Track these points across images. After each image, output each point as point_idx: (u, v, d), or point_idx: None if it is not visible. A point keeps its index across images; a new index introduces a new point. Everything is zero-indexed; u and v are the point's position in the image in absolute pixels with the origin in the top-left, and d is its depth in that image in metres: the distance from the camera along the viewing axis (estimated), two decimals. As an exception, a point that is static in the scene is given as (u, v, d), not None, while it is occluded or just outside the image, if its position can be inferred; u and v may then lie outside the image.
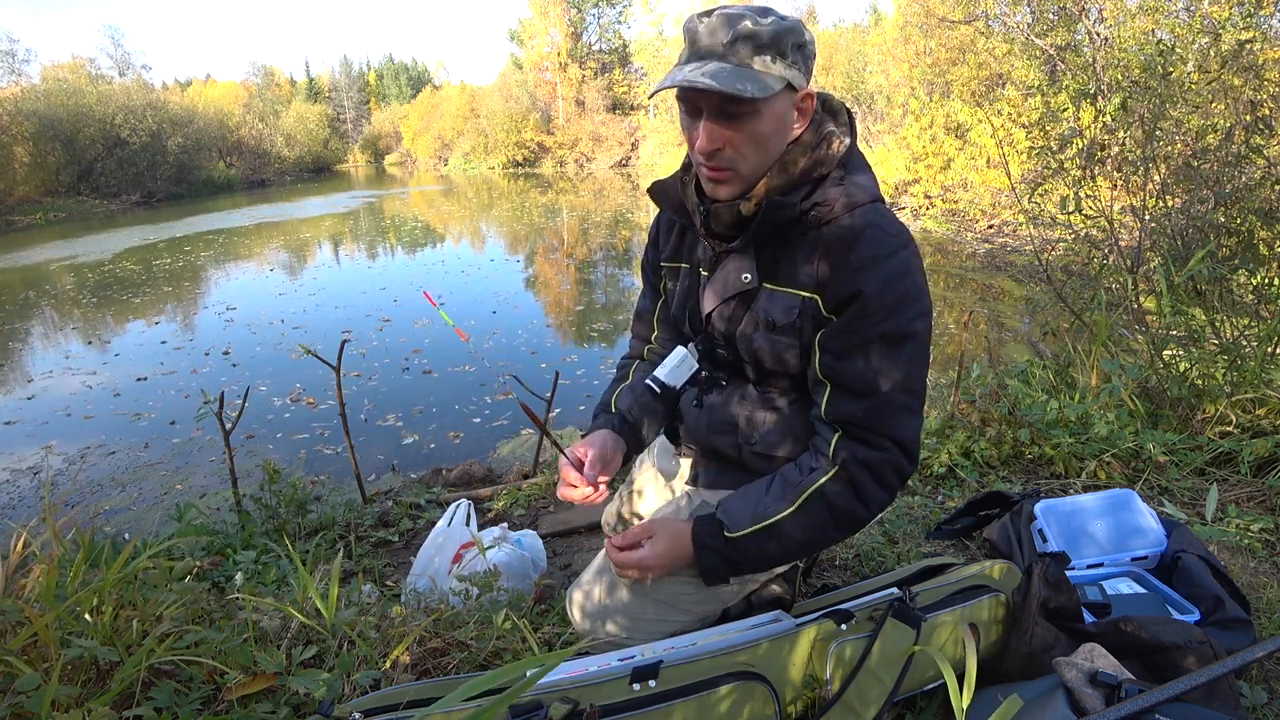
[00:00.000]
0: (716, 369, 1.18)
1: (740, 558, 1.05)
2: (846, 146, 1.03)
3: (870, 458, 0.99)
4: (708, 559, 1.05)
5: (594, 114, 41.65)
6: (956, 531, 1.83)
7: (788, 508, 1.02)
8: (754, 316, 1.06)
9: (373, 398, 5.08)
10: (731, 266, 1.08)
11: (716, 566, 1.06)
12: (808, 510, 1.01)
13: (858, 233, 0.97)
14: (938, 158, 12.93)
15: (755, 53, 0.92)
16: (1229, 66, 4.48)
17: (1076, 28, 9.26)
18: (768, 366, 1.09)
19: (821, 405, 1.03)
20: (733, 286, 1.08)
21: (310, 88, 73.89)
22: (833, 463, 1.01)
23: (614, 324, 7.39)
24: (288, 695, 1.00)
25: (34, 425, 4.86)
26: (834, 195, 0.99)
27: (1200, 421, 2.29)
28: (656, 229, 1.29)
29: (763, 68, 0.93)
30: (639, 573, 1.08)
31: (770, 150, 0.99)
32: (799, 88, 0.97)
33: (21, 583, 1.08)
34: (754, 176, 1.00)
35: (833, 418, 1.01)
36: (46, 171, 24.05)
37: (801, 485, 1.02)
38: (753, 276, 1.06)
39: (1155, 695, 0.87)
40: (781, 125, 0.98)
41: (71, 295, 9.35)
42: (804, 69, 0.98)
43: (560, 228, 15.60)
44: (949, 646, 1.08)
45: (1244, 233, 3.82)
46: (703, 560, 1.06)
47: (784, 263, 1.04)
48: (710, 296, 1.12)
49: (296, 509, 2.42)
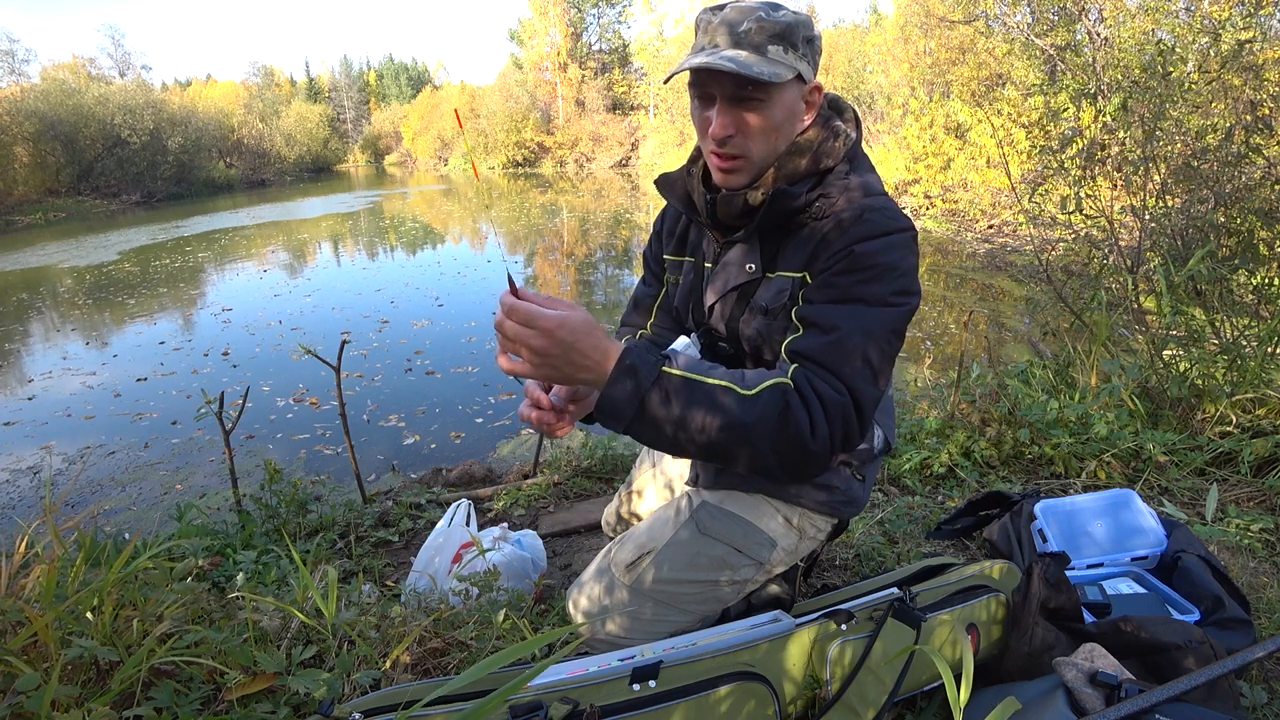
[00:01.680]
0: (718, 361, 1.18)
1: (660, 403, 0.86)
2: (852, 142, 1.04)
3: (824, 390, 0.90)
4: (623, 385, 0.84)
5: (594, 114, 41.67)
6: (956, 531, 1.83)
7: (743, 388, 0.89)
8: (754, 305, 1.07)
9: (376, 398, 5.08)
10: (735, 257, 1.09)
11: (626, 398, 0.85)
12: (761, 400, 0.88)
13: (858, 216, 0.98)
14: (938, 158, 12.94)
15: (769, 42, 0.95)
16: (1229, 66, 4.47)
17: (1076, 28, 9.26)
18: (765, 355, 1.09)
19: (785, 343, 0.97)
20: (736, 277, 1.09)
21: (310, 88, 73.90)
22: (789, 378, 0.93)
23: (614, 324, 7.38)
24: (288, 695, 1.00)
25: (33, 425, 4.86)
26: (838, 189, 1.00)
27: (1200, 421, 2.29)
28: (661, 221, 1.30)
29: (776, 56, 0.95)
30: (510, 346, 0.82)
31: (779, 139, 1.00)
32: (808, 80, 1.00)
33: (22, 583, 1.08)
34: (763, 165, 1.01)
35: (792, 350, 0.95)
36: (46, 171, 24.05)
37: (760, 377, 0.92)
38: (757, 266, 1.07)
39: (1155, 695, 0.87)
40: (790, 115, 1.00)
41: (71, 296, 9.35)
42: (813, 62, 1.00)
43: (560, 228, 15.60)
44: (949, 647, 1.08)
45: (1244, 233, 3.81)
46: (616, 383, 0.84)
47: (783, 251, 1.05)
48: (713, 289, 1.13)
49: (297, 509, 2.41)
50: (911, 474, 2.26)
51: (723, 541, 1.14)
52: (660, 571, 1.13)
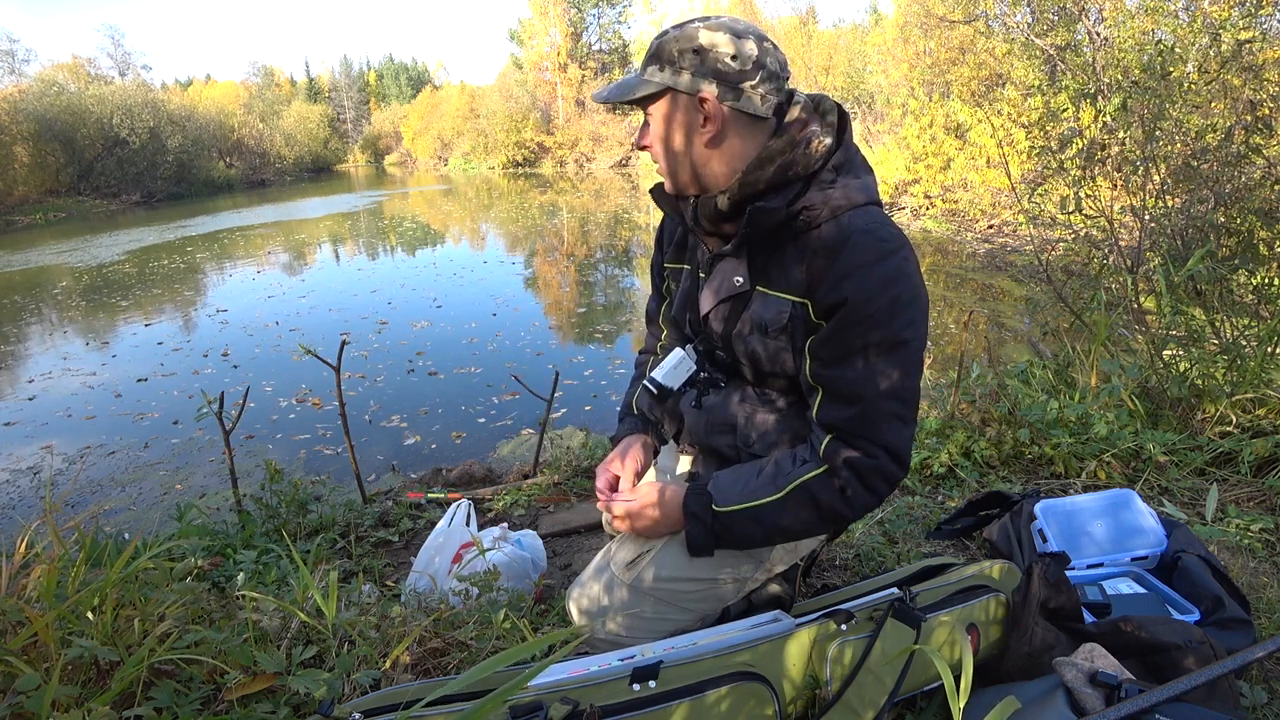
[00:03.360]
0: (715, 370, 1.19)
1: (724, 532, 1.08)
2: (827, 147, 1.01)
3: (859, 463, 1.00)
4: (695, 528, 1.09)
5: (594, 114, 41.61)
6: (956, 531, 1.83)
7: (775, 494, 1.04)
8: (748, 319, 1.08)
9: (379, 399, 5.08)
10: (725, 269, 1.10)
11: (702, 537, 1.09)
12: (793, 500, 1.03)
13: (844, 238, 0.97)
14: (937, 158, 12.93)
15: (646, 63, 1.03)
16: (1229, 66, 4.48)
17: (1076, 28, 9.26)
18: (764, 369, 1.10)
19: (814, 409, 1.05)
20: (726, 289, 1.09)
21: (310, 88, 73.89)
22: (823, 461, 1.02)
23: (616, 325, 7.38)
24: (288, 695, 1.00)
25: (33, 425, 4.86)
26: (821, 199, 0.99)
27: (1200, 421, 2.29)
28: (661, 230, 1.32)
29: (648, 75, 1.02)
30: (625, 522, 1.14)
31: (674, 149, 1.05)
32: (691, 91, 0.99)
33: (22, 582, 1.08)
34: (677, 174, 1.08)
35: (823, 422, 1.03)
36: (46, 171, 24.06)
37: (791, 475, 1.04)
38: (744, 280, 1.07)
39: (1155, 695, 0.87)
40: (668, 124, 1.04)
41: (70, 296, 9.35)
42: (704, 74, 0.98)
43: (560, 228, 15.60)
44: (949, 647, 1.08)
45: (1244, 233, 3.82)
46: (690, 529, 1.09)
47: (774, 266, 1.04)
48: (707, 298, 1.13)
49: (297, 509, 2.41)
50: (911, 474, 2.26)
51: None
52: (660, 570, 1.13)
